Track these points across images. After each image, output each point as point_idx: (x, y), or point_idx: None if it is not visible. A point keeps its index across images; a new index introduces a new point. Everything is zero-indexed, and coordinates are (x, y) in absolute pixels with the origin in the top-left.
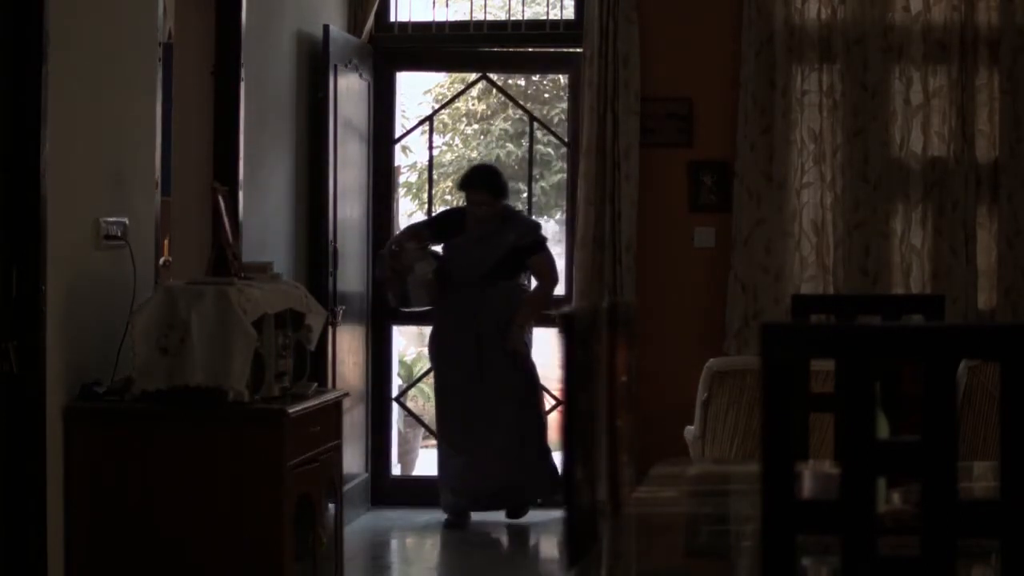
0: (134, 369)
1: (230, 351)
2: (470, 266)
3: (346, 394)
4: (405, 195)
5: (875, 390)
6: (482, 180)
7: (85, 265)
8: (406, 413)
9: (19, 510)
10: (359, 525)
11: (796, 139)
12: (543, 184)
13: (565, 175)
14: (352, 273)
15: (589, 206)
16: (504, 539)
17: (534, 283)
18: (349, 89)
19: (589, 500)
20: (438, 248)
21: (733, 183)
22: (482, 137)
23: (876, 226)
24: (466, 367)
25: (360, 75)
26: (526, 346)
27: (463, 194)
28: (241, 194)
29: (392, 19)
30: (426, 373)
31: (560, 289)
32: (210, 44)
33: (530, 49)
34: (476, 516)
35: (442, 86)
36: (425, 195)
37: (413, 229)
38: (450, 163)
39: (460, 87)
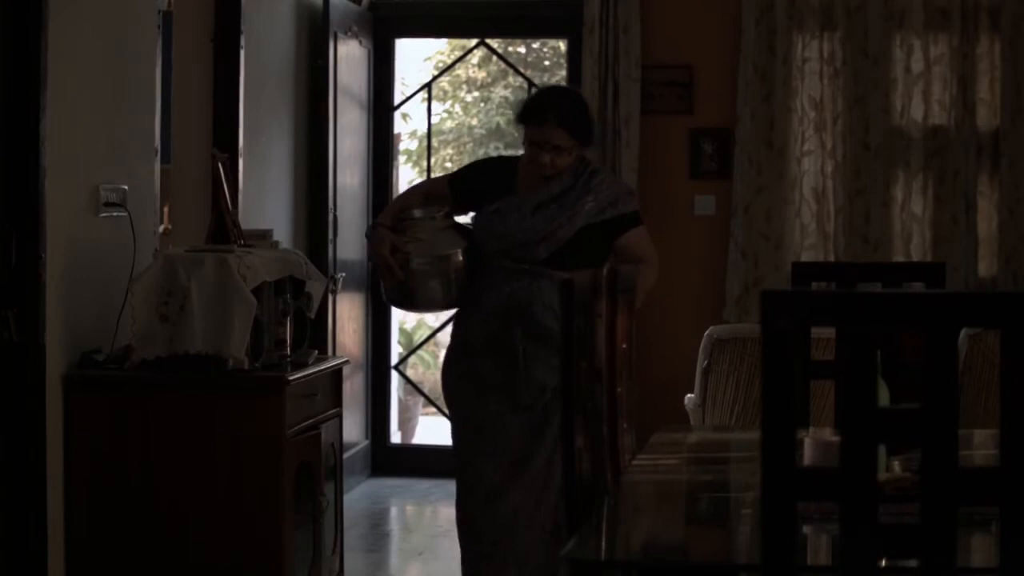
0: (134, 337)
1: (230, 318)
2: (520, 246)
3: (346, 362)
4: (405, 162)
5: (876, 358)
6: (562, 112)
7: (85, 232)
8: (406, 381)
9: (19, 478)
10: (359, 493)
11: (797, 107)
12: None
13: None
14: (352, 241)
15: None
16: None
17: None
18: (349, 56)
19: (589, 467)
20: (464, 218)
21: (734, 151)
22: (482, 104)
23: (877, 194)
24: (506, 403)
25: (360, 42)
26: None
27: (524, 129)
28: (241, 161)
29: None
30: (423, 344)
31: None
32: (210, 11)
33: (530, 15)
34: None
35: (442, 53)
36: (425, 163)
37: (423, 188)
38: (450, 131)
39: (460, 54)
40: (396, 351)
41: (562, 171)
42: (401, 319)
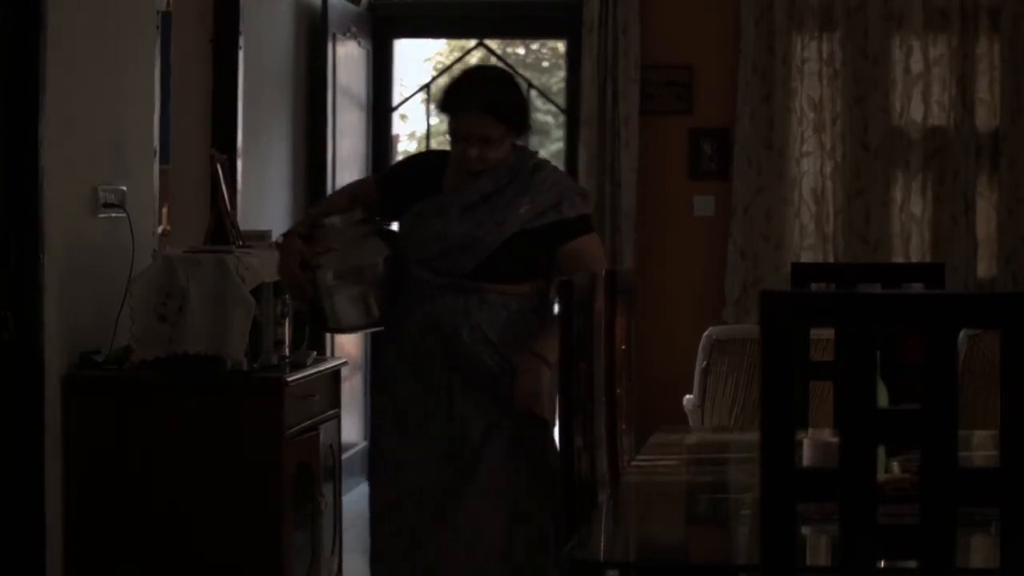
0: (132, 337)
1: (228, 319)
2: (443, 255)
3: (344, 363)
4: None
5: (875, 358)
6: (487, 96)
7: (83, 233)
8: None
9: (18, 479)
10: (358, 494)
11: (796, 107)
12: (542, 153)
13: (563, 144)
14: None
15: (589, 175)
16: None
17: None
18: (348, 57)
19: (588, 468)
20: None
21: (733, 151)
22: None
23: (876, 194)
24: (429, 443)
25: (359, 43)
26: (552, 403)
27: (448, 120)
28: (240, 162)
29: None
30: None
31: None
32: (209, 12)
33: (529, 16)
34: None
35: (441, 54)
36: None
37: (350, 190)
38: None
39: (459, 55)
40: None
41: (495, 165)
42: None
